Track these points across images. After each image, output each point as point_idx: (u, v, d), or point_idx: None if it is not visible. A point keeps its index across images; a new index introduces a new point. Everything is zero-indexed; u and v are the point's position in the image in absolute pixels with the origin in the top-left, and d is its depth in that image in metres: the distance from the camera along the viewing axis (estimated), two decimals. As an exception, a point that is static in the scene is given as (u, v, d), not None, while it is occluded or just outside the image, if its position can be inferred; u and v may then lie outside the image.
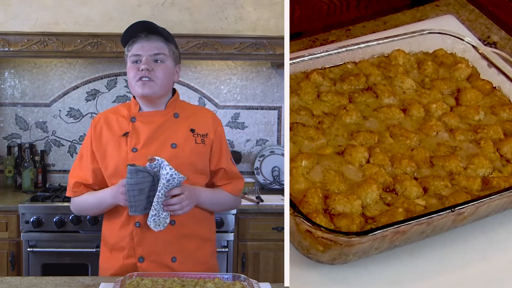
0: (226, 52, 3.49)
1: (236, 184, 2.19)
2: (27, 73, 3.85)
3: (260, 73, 3.97)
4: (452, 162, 1.76)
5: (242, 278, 1.72)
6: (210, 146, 2.10)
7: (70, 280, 1.83)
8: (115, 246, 2.05)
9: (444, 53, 2.10)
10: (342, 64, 2.04)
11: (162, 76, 2.03)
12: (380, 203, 1.64)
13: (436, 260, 1.67)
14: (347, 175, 1.69)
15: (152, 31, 2.07)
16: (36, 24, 3.44)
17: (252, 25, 3.59)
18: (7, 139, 3.88)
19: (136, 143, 2.01)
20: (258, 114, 4.02)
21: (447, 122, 1.90)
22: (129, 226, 2.02)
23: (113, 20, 3.49)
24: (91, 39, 3.41)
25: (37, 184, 3.76)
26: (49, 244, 3.19)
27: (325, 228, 1.47)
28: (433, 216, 1.53)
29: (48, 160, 3.92)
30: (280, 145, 4.01)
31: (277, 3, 3.60)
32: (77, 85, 3.89)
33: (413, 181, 1.69)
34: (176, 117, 2.09)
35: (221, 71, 3.94)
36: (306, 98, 1.91)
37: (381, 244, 1.56)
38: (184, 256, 2.05)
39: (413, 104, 1.93)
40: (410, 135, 1.83)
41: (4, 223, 3.22)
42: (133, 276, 1.67)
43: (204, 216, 2.12)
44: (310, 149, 1.76)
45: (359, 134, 1.82)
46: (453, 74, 2.06)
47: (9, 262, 3.22)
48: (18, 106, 3.87)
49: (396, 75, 2.00)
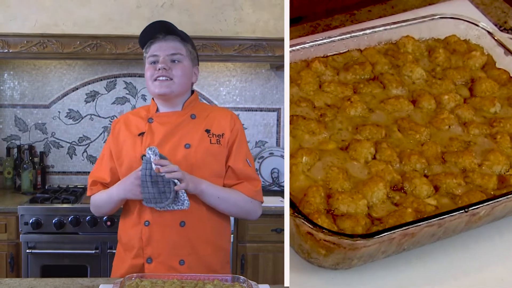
0: (225, 54, 3.44)
1: (249, 185, 2.07)
2: (26, 74, 3.82)
3: (259, 75, 3.92)
4: (466, 158, 1.67)
5: (241, 280, 1.70)
6: (227, 147, 2.06)
7: (70, 282, 1.82)
8: (127, 246, 2.04)
9: (457, 39, 2.01)
10: (346, 51, 1.95)
11: (179, 75, 2.03)
12: (388, 203, 1.56)
13: (448, 265, 1.59)
14: (351, 173, 1.62)
15: (169, 31, 2.07)
16: (36, 26, 3.41)
17: (251, 27, 3.56)
18: (6, 141, 3.84)
19: (150, 143, 2.00)
20: (257, 115, 3.96)
21: (460, 115, 1.81)
22: (139, 225, 2.00)
23: (113, 22, 3.46)
24: (91, 41, 3.36)
25: (36, 185, 3.71)
26: (48, 245, 3.16)
27: (328, 230, 1.39)
28: (445, 217, 1.45)
29: (47, 161, 3.88)
30: (279, 146, 3.97)
31: (276, 5, 3.57)
32: (77, 87, 3.85)
33: (423, 178, 1.61)
34: (193, 118, 2.07)
35: (220, 73, 3.90)
36: (307, 89, 1.83)
37: (388, 248, 1.48)
38: (193, 261, 2.00)
39: (423, 95, 1.84)
40: (420, 129, 1.74)
41: (3, 224, 3.18)
42: (132, 278, 1.66)
43: (218, 222, 2.07)
44: (311, 144, 1.68)
45: (364, 128, 1.73)
46: (467, 62, 1.97)
47: (8, 264, 3.17)
48: (17, 108, 3.84)
49: (405, 64, 1.91)
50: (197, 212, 1.98)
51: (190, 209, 1.93)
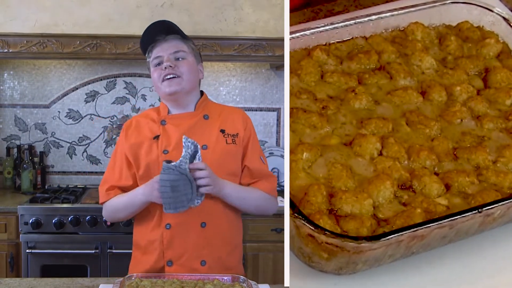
0: (225, 54, 3.42)
1: (266, 182, 2.09)
2: (26, 74, 3.81)
3: (259, 75, 3.91)
4: (479, 154, 1.58)
5: (241, 280, 1.70)
6: (242, 146, 2.07)
7: (69, 282, 1.83)
8: (146, 250, 2.02)
9: (470, 26, 1.90)
10: (350, 39, 1.85)
11: (186, 71, 2.01)
12: (395, 203, 1.49)
13: (460, 270, 1.52)
14: (356, 170, 1.54)
15: (168, 31, 2.07)
16: (36, 26, 3.38)
17: (251, 26, 3.52)
18: (6, 140, 3.83)
19: (167, 145, 1.99)
20: (257, 115, 3.93)
21: (473, 108, 1.72)
22: (159, 228, 1.99)
23: (113, 22, 3.44)
24: (91, 41, 3.34)
25: (36, 185, 3.70)
26: (48, 245, 3.14)
27: (330, 232, 1.33)
28: (457, 218, 1.39)
29: (47, 161, 3.86)
30: (279, 146, 3.95)
31: (276, 4, 3.54)
32: (76, 87, 3.83)
33: (434, 176, 1.53)
34: (206, 118, 2.06)
35: (220, 73, 3.89)
36: (308, 79, 1.72)
37: (395, 251, 1.41)
38: (214, 261, 2.00)
39: (433, 87, 1.74)
40: (430, 123, 1.65)
41: (3, 224, 3.15)
42: (132, 277, 1.67)
43: (234, 220, 2.08)
44: (312, 139, 1.60)
45: (370, 122, 1.64)
46: (481, 51, 1.87)
47: (8, 264, 3.14)
48: (17, 108, 3.83)
49: (414, 52, 1.81)
50: (216, 212, 1.99)
51: (209, 209, 1.95)
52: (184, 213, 1.89)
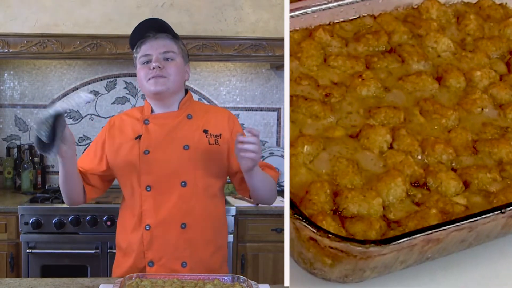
0: (225, 54, 3.36)
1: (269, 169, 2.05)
2: (26, 74, 3.76)
3: (259, 75, 3.86)
4: (502, 147, 1.42)
5: (241, 280, 1.68)
6: (227, 147, 2.01)
7: (70, 282, 1.80)
8: (127, 250, 2.00)
9: (492, 3, 1.71)
10: (356, 18, 1.67)
11: (174, 73, 1.98)
12: (407, 202, 1.34)
13: (481, 277, 1.38)
14: (363, 165, 1.39)
15: (159, 29, 2.02)
16: (36, 26, 3.32)
17: (251, 26, 3.45)
18: (7, 140, 3.78)
19: (148, 145, 1.96)
20: (257, 115, 3.89)
21: (495, 95, 1.54)
22: (140, 229, 1.96)
23: (113, 22, 3.37)
24: (91, 41, 3.28)
25: (37, 185, 3.65)
26: (48, 245, 3.10)
27: (335, 235, 1.19)
28: (477, 219, 1.25)
29: (47, 161, 3.80)
30: (280, 146, 3.87)
31: (276, 4, 3.48)
32: (77, 87, 3.77)
33: (451, 172, 1.38)
34: (189, 118, 2.02)
35: (221, 73, 3.83)
36: (309, 63, 1.54)
37: (408, 256, 1.27)
38: (195, 262, 1.97)
39: (450, 71, 1.56)
40: (446, 112, 1.48)
41: (3, 224, 3.09)
42: (132, 277, 1.65)
43: (217, 220, 2.05)
44: (314, 130, 1.43)
45: (379, 111, 1.47)
46: (504, 31, 1.68)
47: (8, 264, 3.07)
48: (17, 108, 3.78)
49: (428, 33, 1.63)
50: (198, 213, 1.94)
51: (190, 210, 1.92)
52: (164, 214, 1.89)
